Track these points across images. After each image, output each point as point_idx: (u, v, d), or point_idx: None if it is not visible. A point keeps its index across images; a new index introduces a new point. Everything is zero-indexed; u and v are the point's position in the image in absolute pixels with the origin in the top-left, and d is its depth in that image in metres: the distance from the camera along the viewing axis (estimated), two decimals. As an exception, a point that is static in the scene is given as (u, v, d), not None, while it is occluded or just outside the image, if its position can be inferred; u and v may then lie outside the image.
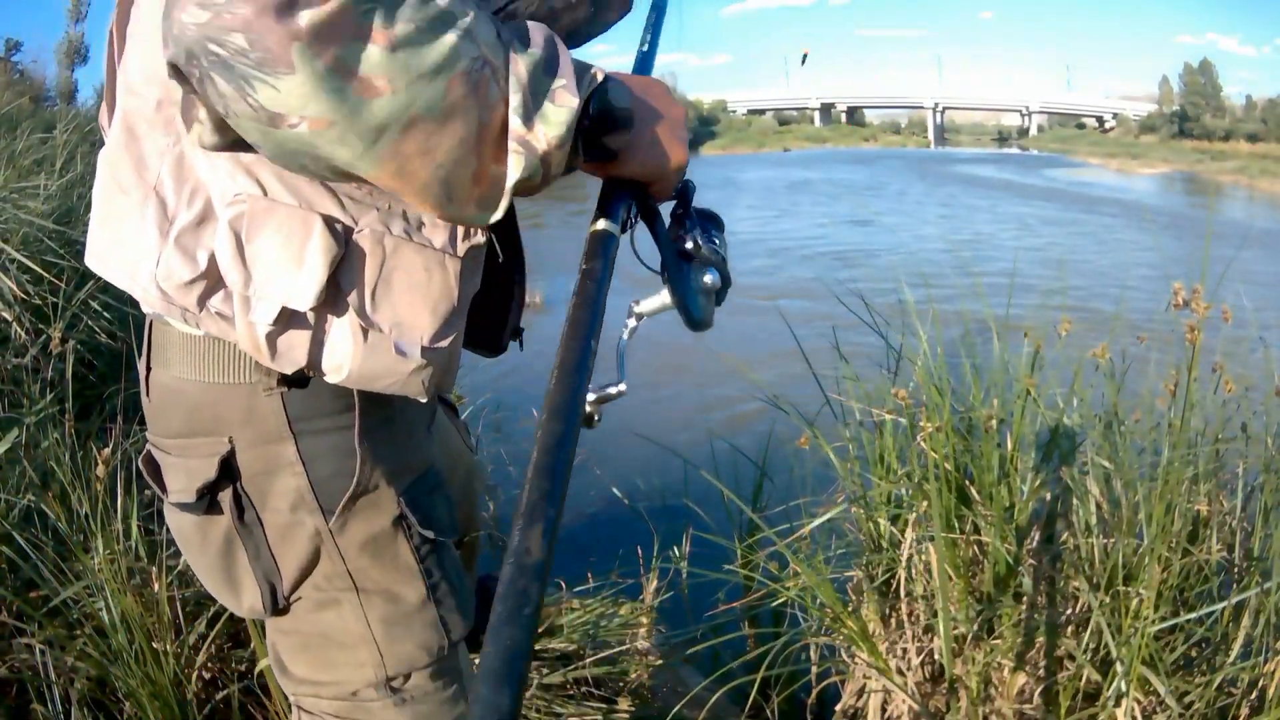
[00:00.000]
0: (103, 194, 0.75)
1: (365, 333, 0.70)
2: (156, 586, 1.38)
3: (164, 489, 0.80)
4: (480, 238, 0.74)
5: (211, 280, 0.69)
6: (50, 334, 2.14)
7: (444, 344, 0.73)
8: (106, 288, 2.87)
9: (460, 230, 0.73)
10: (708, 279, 0.73)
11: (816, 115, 71.57)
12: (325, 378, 0.72)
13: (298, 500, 0.77)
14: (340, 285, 0.69)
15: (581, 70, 0.65)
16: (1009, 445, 1.61)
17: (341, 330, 0.70)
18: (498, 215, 0.64)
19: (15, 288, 2.57)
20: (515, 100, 0.59)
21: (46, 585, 1.44)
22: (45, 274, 2.70)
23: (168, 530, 0.84)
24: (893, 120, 77.84)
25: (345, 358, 0.70)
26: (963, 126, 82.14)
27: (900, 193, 18.86)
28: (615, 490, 2.54)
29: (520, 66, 0.60)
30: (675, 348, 5.57)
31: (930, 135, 68.98)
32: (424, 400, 0.75)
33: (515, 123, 0.60)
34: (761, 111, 71.62)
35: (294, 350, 0.70)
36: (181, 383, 0.76)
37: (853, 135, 65.93)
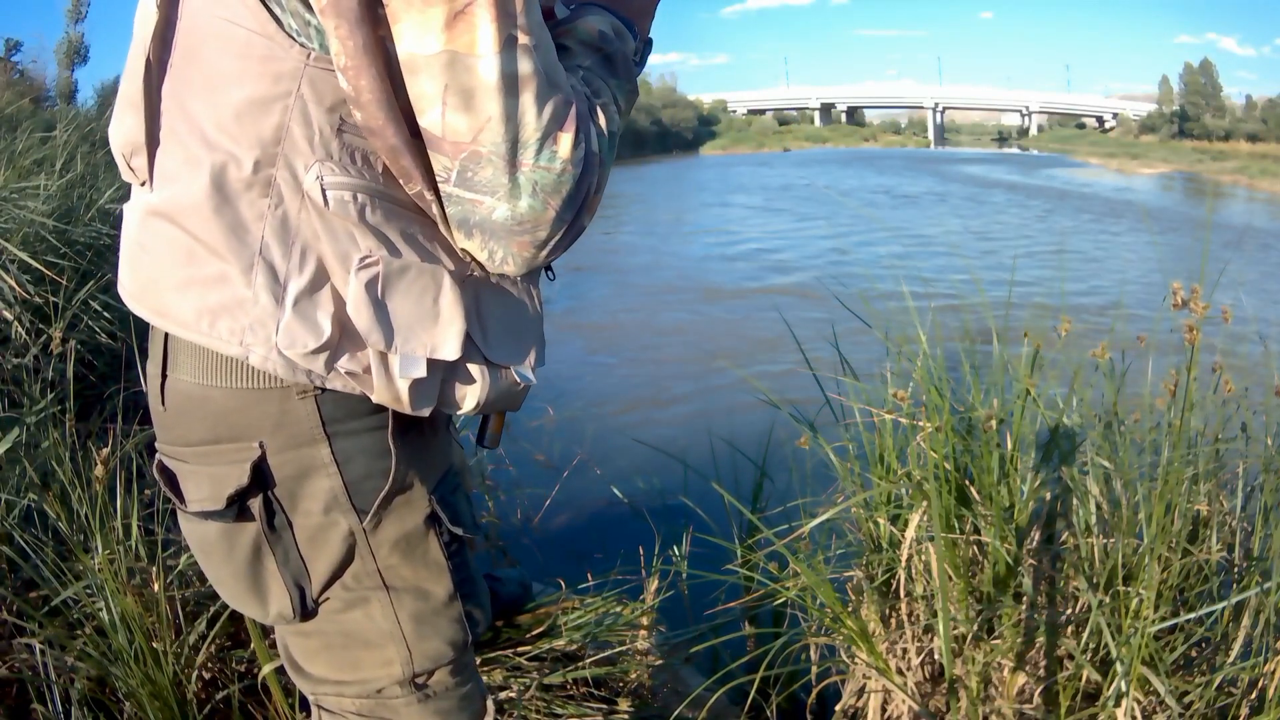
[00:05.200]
0: (180, 253, 0.70)
1: (492, 367, 0.77)
2: (156, 586, 1.37)
3: (181, 498, 0.79)
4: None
5: (336, 344, 0.71)
6: (50, 334, 2.15)
7: (540, 364, 0.83)
8: (107, 287, 2.87)
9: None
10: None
11: (816, 115, 71.63)
12: (451, 410, 0.78)
13: (331, 502, 0.77)
14: (467, 329, 0.75)
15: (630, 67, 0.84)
16: (1009, 445, 1.60)
17: (473, 369, 0.77)
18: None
19: (16, 287, 2.57)
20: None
21: (46, 585, 1.44)
22: (46, 273, 2.70)
23: (168, 530, 0.83)
24: (893, 120, 77.89)
25: (476, 392, 0.77)
26: (963, 126, 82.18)
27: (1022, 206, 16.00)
28: (615, 490, 2.54)
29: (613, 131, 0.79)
30: (677, 348, 5.57)
31: (930, 135, 69.05)
32: (516, 410, 0.84)
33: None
34: (761, 111, 71.71)
35: (431, 395, 0.75)
36: (206, 389, 0.74)
37: (853, 135, 65.99)
